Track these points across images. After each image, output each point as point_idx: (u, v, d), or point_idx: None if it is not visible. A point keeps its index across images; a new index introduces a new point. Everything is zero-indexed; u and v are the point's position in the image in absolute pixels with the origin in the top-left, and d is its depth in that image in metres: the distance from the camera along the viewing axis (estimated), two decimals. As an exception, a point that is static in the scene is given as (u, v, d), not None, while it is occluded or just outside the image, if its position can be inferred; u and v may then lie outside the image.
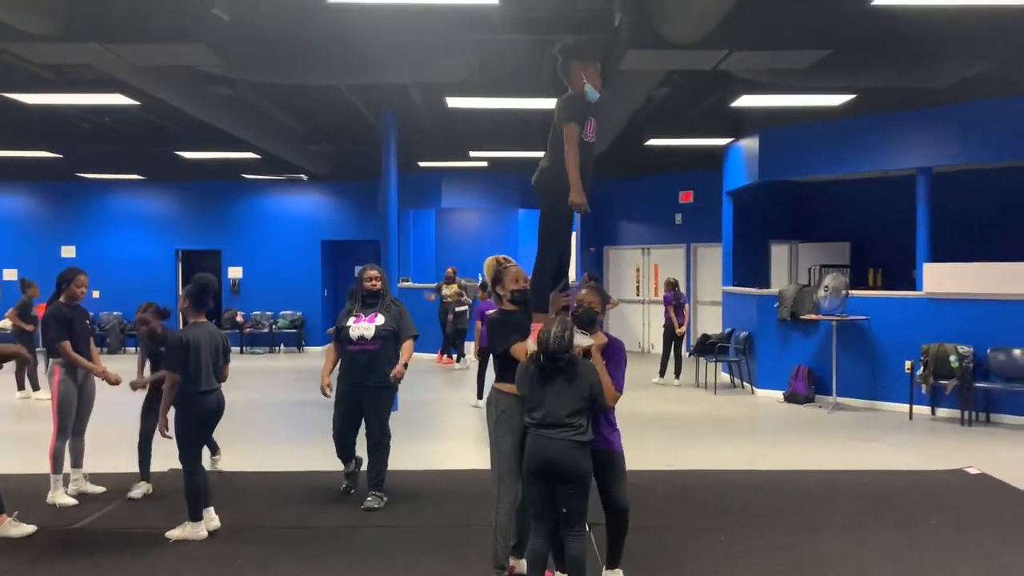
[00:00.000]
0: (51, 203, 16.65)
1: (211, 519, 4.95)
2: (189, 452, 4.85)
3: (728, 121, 10.94)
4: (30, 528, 4.96)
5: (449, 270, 13.71)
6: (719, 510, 5.54)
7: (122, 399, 5.88)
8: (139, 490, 5.77)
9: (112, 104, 9.13)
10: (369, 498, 5.55)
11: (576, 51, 3.89)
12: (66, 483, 5.74)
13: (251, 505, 5.64)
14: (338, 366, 5.77)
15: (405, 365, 5.61)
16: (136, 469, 5.83)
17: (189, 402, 4.81)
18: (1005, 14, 6.02)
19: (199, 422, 4.88)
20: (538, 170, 4.04)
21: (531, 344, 3.75)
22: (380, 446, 5.63)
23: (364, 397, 5.59)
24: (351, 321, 5.62)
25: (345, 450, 5.83)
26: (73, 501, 5.62)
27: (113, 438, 6.88)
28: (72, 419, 5.67)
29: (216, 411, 4.97)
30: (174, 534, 4.88)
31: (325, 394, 5.76)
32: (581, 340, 3.74)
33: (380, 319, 5.58)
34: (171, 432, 4.91)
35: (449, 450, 7.65)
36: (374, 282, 5.65)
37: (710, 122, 10.88)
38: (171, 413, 4.92)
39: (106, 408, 6.57)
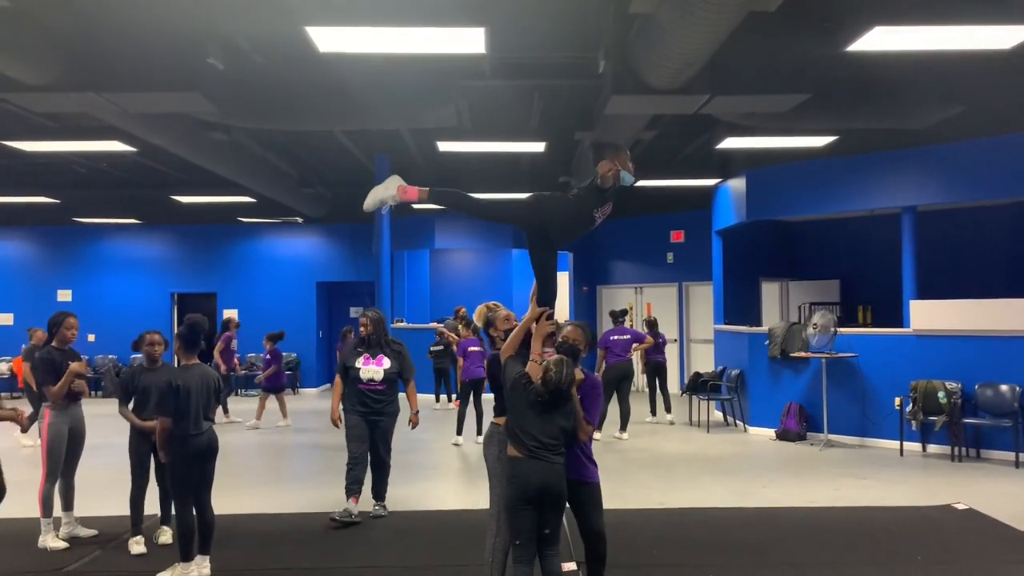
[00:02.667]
0: (47, 247, 16.78)
1: (202, 566, 4.93)
2: (180, 493, 4.88)
3: (715, 162, 11.13)
4: None
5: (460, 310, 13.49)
6: (708, 548, 5.56)
7: (113, 442, 5.90)
8: (138, 546, 5.60)
9: (109, 150, 9.30)
10: (376, 507, 6.37)
11: (607, 146, 4.18)
12: (57, 527, 5.74)
13: (242, 548, 5.64)
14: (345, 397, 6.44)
15: (417, 412, 6.45)
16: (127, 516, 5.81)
17: (179, 444, 4.84)
18: (975, 59, 6.20)
19: (189, 464, 4.86)
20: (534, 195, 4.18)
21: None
22: (384, 465, 6.43)
23: (373, 427, 6.30)
24: (360, 362, 6.29)
25: (356, 474, 6.25)
26: (64, 545, 5.61)
27: (104, 481, 6.89)
28: (61, 462, 5.69)
29: (206, 452, 4.95)
30: (164, 575, 4.89)
31: (336, 425, 6.43)
32: None
33: (387, 362, 6.29)
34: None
35: (439, 491, 7.65)
36: (364, 328, 6.36)
37: (698, 163, 11.07)
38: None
39: (97, 451, 6.59)
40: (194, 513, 4.90)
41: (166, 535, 5.69)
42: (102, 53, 6.06)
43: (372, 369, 6.23)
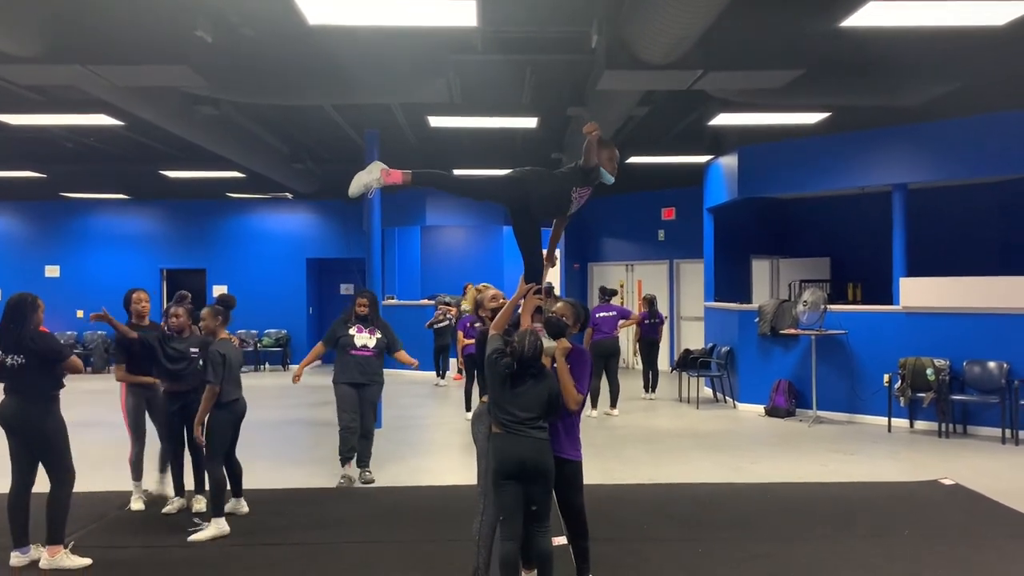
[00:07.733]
0: (35, 222, 16.65)
1: (240, 505, 5.64)
2: (215, 454, 5.38)
3: (707, 139, 11.10)
4: (85, 560, 4.81)
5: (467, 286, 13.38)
6: (697, 522, 5.61)
7: (104, 418, 5.89)
8: (173, 505, 5.87)
9: (96, 124, 9.19)
10: (367, 473, 6.75)
11: (606, 142, 4.16)
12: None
13: (234, 523, 5.65)
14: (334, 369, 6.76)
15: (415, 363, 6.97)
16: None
17: (224, 409, 5.38)
18: (969, 36, 6.18)
19: (229, 427, 5.45)
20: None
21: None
22: (369, 434, 6.82)
23: (362, 394, 6.71)
24: (354, 331, 6.75)
25: (350, 442, 6.65)
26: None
27: (95, 457, 6.88)
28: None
29: (242, 416, 5.55)
30: (204, 535, 5.20)
31: (295, 380, 6.79)
32: (545, 343, 3.93)
33: (379, 334, 6.82)
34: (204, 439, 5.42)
35: (432, 466, 7.68)
36: (363, 308, 6.82)
37: (690, 140, 11.03)
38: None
39: (94, 426, 6.57)
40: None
41: (200, 503, 5.83)
42: (89, 25, 5.97)
43: (366, 337, 6.70)
